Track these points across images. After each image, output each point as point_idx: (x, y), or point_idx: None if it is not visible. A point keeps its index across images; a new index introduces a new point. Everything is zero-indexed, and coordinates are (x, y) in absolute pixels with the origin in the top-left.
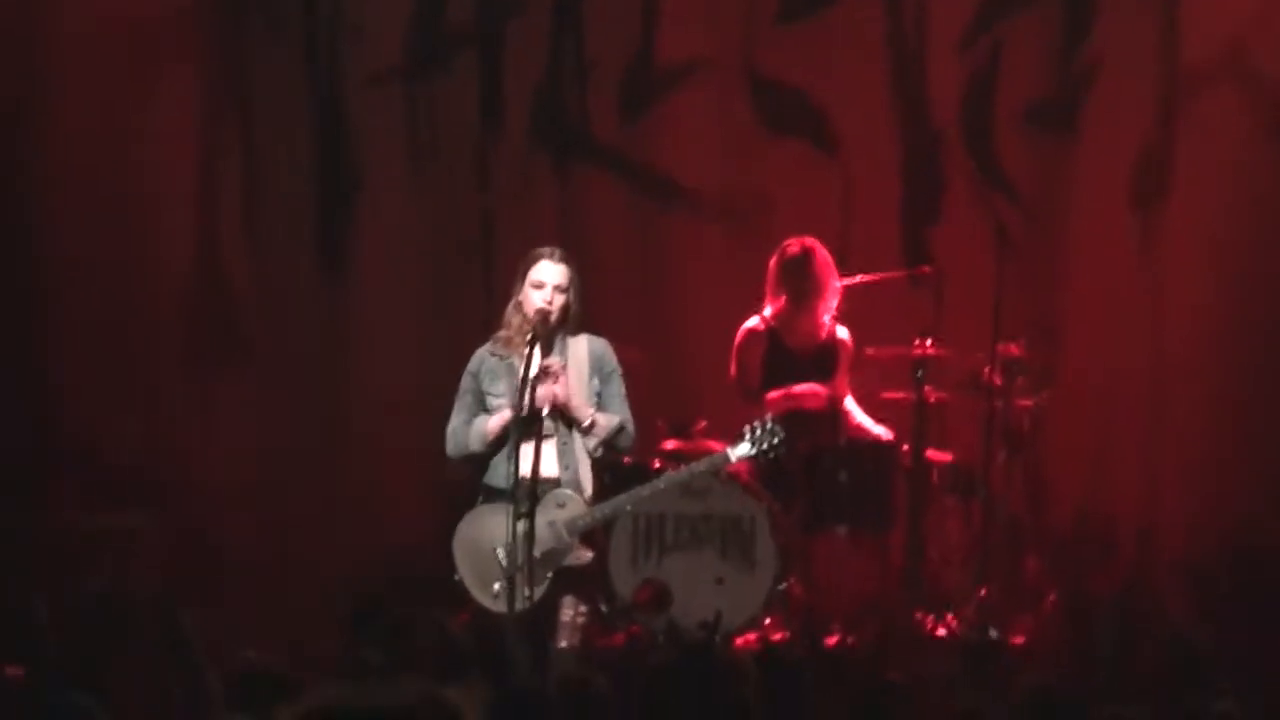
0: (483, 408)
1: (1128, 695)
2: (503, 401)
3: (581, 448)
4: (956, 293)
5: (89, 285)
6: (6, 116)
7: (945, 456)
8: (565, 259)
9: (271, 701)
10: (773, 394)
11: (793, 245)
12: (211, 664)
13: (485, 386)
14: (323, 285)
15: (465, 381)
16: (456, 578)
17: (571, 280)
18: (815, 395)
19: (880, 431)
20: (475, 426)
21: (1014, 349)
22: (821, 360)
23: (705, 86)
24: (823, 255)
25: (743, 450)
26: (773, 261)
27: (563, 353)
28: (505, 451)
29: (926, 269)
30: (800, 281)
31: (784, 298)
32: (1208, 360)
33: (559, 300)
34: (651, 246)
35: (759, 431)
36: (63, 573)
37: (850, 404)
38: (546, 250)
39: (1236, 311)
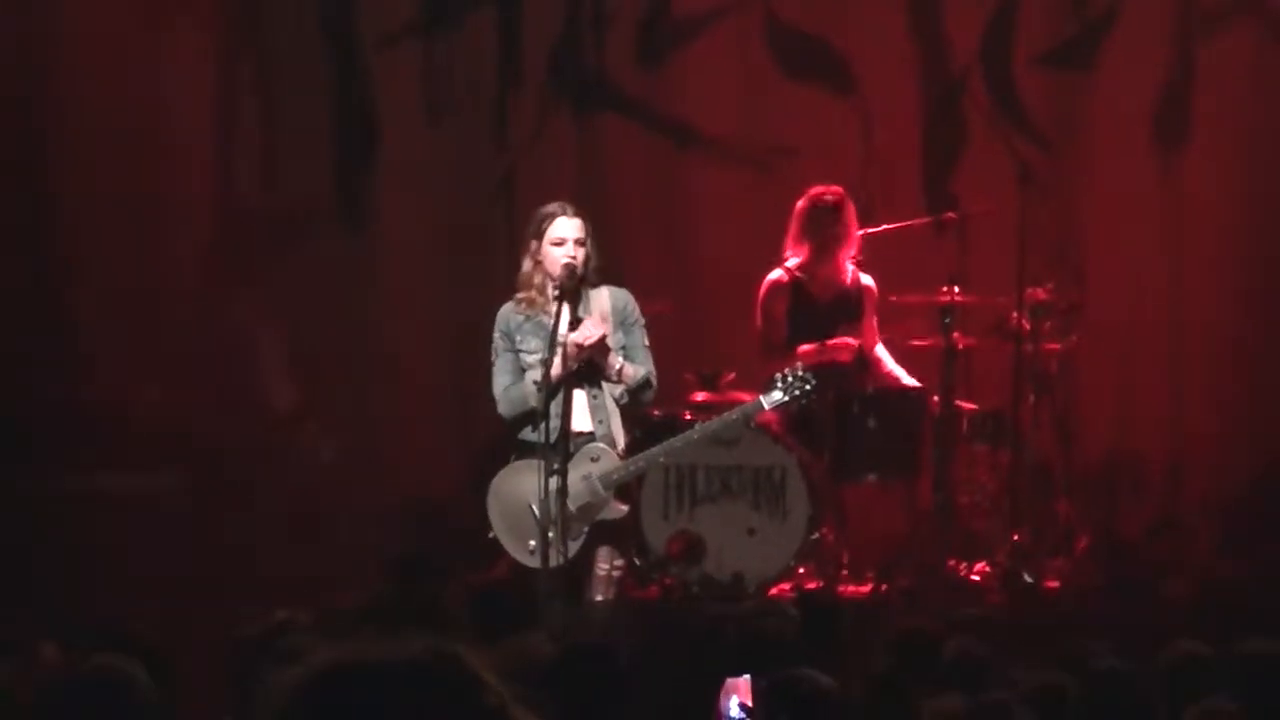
0: (520, 365)
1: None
2: (537, 358)
3: (613, 401)
4: (981, 236)
5: (109, 239)
6: (22, 73)
7: (973, 404)
8: (577, 211)
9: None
10: (804, 348)
11: (827, 195)
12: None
13: (518, 344)
14: (344, 239)
15: (499, 342)
16: (491, 535)
17: (587, 231)
18: (847, 348)
19: (910, 381)
20: (528, 384)
21: (1040, 293)
22: (846, 307)
23: (724, 33)
24: (851, 204)
25: (775, 398)
26: (800, 209)
27: (586, 305)
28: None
29: (951, 215)
30: (831, 230)
31: (808, 246)
32: (1232, 297)
33: (580, 253)
34: (673, 196)
35: (790, 379)
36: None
37: (880, 351)
38: (557, 206)
39: (1259, 248)
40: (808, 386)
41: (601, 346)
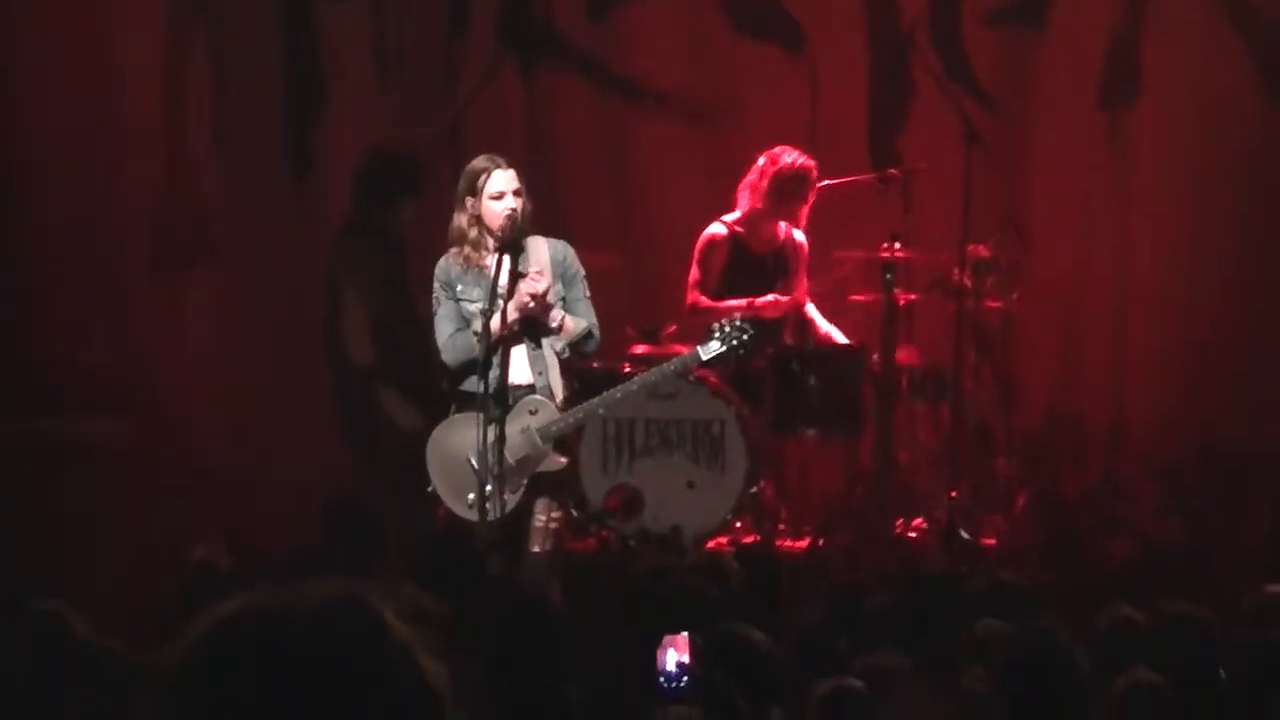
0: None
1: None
2: (478, 306)
3: (552, 353)
4: (925, 194)
5: (59, 192)
6: None
7: (914, 359)
8: (509, 163)
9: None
10: (733, 303)
11: (802, 160)
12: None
13: (460, 294)
14: (292, 192)
15: (441, 292)
16: (430, 489)
17: (522, 181)
18: (776, 305)
19: (843, 340)
20: (471, 334)
21: (983, 250)
22: (781, 263)
23: None
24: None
25: (713, 349)
26: (770, 170)
27: (525, 257)
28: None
29: (894, 171)
30: (799, 195)
31: (768, 205)
32: (1176, 258)
33: (519, 204)
34: (620, 150)
35: (728, 329)
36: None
37: (812, 310)
38: (488, 160)
39: (1204, 210)
40: (745, 337)
41: (544, 301)
